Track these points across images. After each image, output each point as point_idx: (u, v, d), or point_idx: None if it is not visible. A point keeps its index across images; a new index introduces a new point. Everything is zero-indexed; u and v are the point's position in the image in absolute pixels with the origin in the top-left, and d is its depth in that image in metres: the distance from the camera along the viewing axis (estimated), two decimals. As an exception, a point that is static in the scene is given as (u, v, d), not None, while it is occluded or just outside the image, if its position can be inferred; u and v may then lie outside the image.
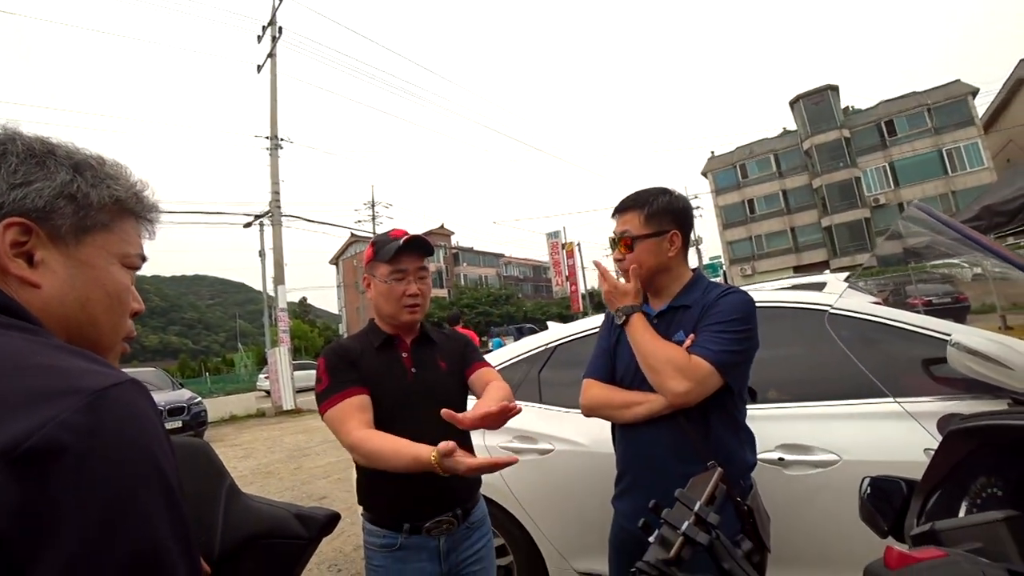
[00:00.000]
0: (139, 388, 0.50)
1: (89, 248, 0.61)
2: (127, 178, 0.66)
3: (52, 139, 0.62)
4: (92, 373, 0.48)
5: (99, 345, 0.62)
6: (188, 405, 10.31)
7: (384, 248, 1.48)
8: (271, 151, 15.57)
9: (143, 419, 0.48)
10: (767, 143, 41.21)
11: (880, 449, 1.78)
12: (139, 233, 0.68)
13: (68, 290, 0.59)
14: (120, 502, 0.43)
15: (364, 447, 1.28)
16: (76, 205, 0.59)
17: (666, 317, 1.49)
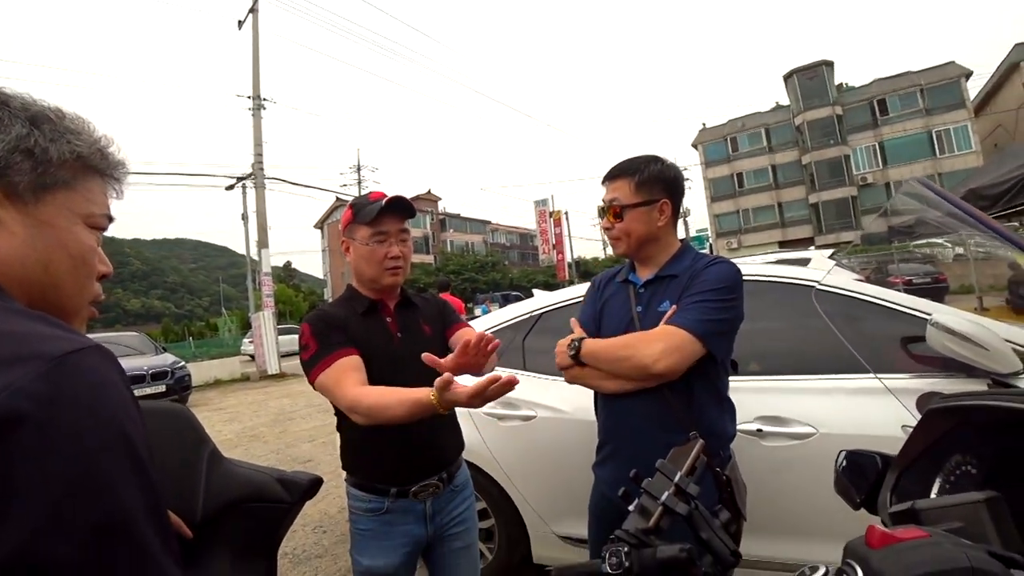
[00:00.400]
0: (103, 353, 0.48)
1: (50, 207, 0.57)
2: (89, 133, 0.62)
3: (5, 89, 0.58)
4: (53, 338, 0.46)
5: (64, 309, 0.60)
6: (171, 369, 10.27)
7: (364, 210, 1.45)
8: (254, 111, 15.14)
9: (107, 385, 0.47)
10: (759, 117, 41.01)
11: (857, 423, 1.83)
12: (105, 192, 0.64)
13: (28, 251, 0.56)
14: (83, 471, 0.42)
15: (364, 403, 1.27)
16: (34, 161, 0.56)
17: (652, 286, 1.48)
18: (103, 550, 0.42)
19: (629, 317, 1.47)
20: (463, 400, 1.14)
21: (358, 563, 1.45)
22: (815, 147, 36.85)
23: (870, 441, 1.26)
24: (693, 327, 1.31)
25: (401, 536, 1.43)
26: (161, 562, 0.46)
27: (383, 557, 1.42)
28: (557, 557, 2.41)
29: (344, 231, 1.50)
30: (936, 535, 0.45)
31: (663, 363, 1.30)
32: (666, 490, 0.70)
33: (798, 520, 1.92)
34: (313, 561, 3.18)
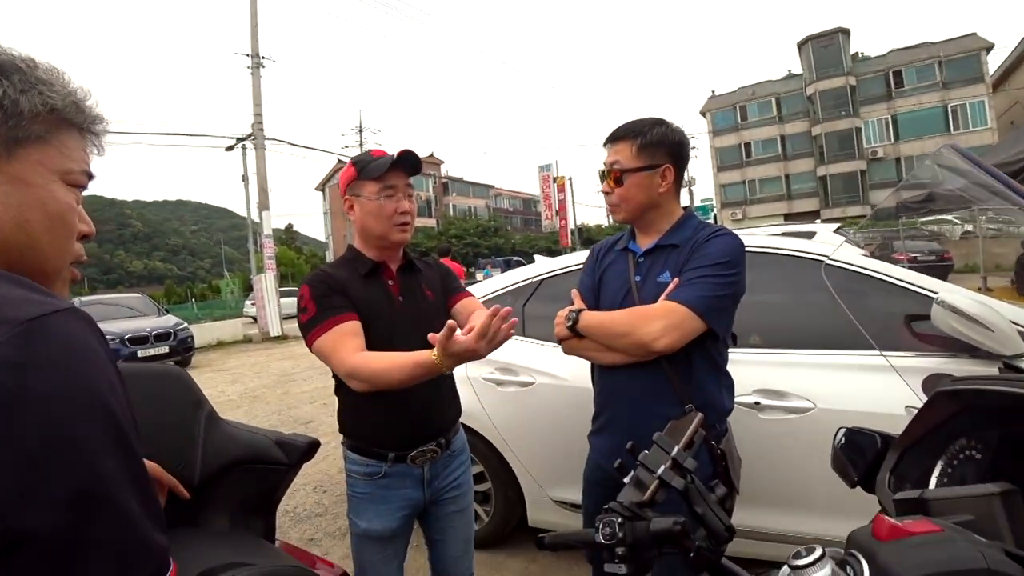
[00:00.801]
0: (79, 316, 0.47)
1: (24, 163, 0.54)
2: (64, 84, 0.58)
3: None
4: (24, 302, 0.45)
5: (43, 271, 0.57)
6: (174, 331, 10.37)
7: (372, 165, 1.40)
8: (252, 70, 14.81)
9: (82, 349, 0.45)
10: (770, 85, 40.06)
11: (857, 400, 1.82)
12: (84, 148, 0.61)
13: (2, 210, 0.53)
14: (57, 439, 0.41)
15: (364, 370, 1.25)
16: (4, 113, 0.52)
17: (652, 255, 1.45)
18: (81, 518, 0.41)
19: (627, 287, 1.44)
20: (470, 346, 1.11)
21: (356, 525, 1.47)
22: (826, 118, 36.09)
23: (870, 419, 1.25)
24: (695, 304, 1.29)
25: (398, 500, 1.45)
26: (143, 528, 0.46)
27: (380, 520, 1.44)
28: (552, 521, 2.46)
29: (347, 189, 1.45)
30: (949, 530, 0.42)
31: (664, 341, 1.28)
32: (663, 463, 0.69)
33: (792, 494, 1.94)
34: (313, 520, 3.26)
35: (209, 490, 1.32)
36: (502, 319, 1.11)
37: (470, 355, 1.14)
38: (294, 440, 1.46)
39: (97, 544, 0.42)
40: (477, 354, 1.14)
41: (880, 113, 34.97)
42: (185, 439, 1.28)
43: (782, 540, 1.96)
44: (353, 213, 1.45)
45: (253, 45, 14.83)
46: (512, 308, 1.13)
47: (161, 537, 0.48)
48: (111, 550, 0.43)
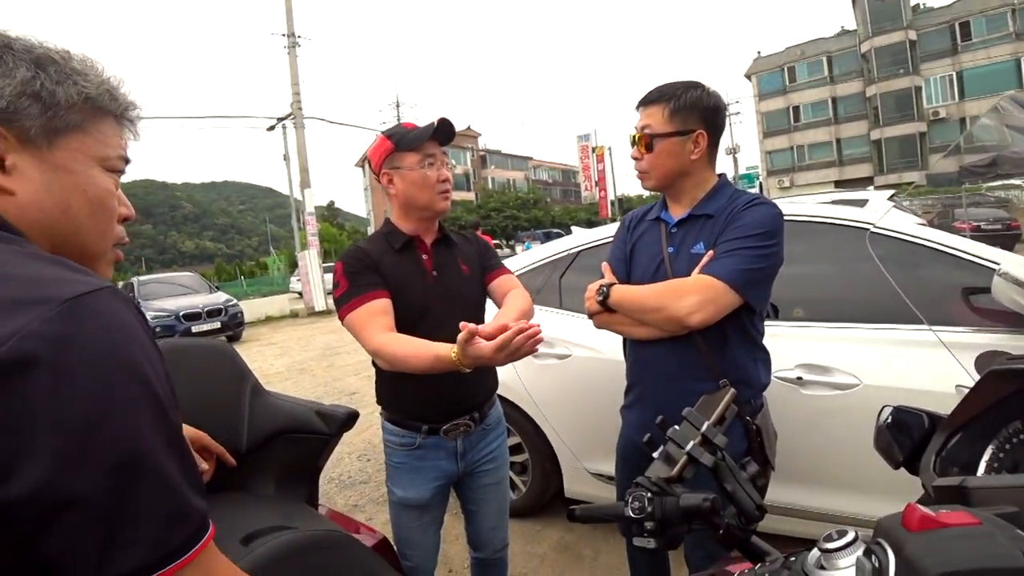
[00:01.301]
0: (116, 294, 0.49)
1: (64, 151, 0.57)
2: (97, 74, 0.60)
3: (8, 32, 0.56)
4: (66, 281, 0.47)
5: (87, 252, 0.60)
6: (225, 307, 10.86)
7: (409, 136, 1.40)
8: (289, 49, 14.97)
9: (121, 325, 0.47)
10: (821, 44, 37.79)
11: (905, 377, 1.74)
12: (119, 134, 0.63)
13: (45, 196, 0.56)
14: (99, 409, 0.43)
15: (386, 351, 1.27)
16: (42, 105, 0.55)
17: (685, 226, 1.39)
18: (123, 483, 0.44)
19: (660, 258, 1.40)
20: (487, 354, 1.10)
21: (393, 493, 1.52)
22: (882, 77, 33.86)
23: (919, 397, 1.20)
24: (730, 277, 1.24)
25: (432, 471, 1.48)
26: (182, 492, 0.48)
27: (415, 489, 1.48)
28: (589, 493, 2.48)
29: (383, 163, 1.43)
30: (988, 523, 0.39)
31: (698, 316, 1.24)
32: (692, 439, 0.68)
33: (833, 472, 1.89)
34: (357, 487, 3.39)
35: (255, 458, 1.38)
36: (527, 337, 1.09)
37: (487, 362, 1.13)
38: (333, 411, 1.51)
39: (139, 507, 0.45)
40: (494, 363, 1.13)
41: (943, 69, 32.52)
42: (232, 410, 1.34)
43: (819, 519, 1.92)
44: (393, 187, 1.43)
45: (288, 24, 14.95)
46: (540, 326, 1.10)
47: (200, 501, 0.50)
48: (152, 513, 0.46)
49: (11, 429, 0.40)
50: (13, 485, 0.40)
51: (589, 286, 1.47)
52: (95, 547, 0.43)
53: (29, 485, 0.41)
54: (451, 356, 1.15)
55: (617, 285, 1.42)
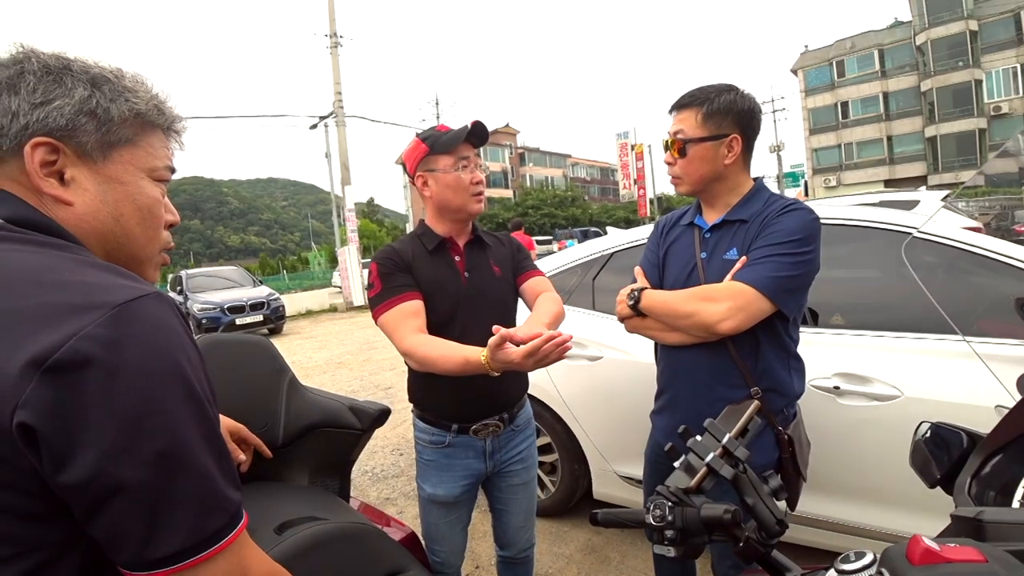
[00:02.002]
0: (162, 299, 0.53)
1: (116, 164, 0.62)
2: (147, 90, 0.65)
3: (67, 54, 0.61)
4: (117, 287, 0.51)
5: (136, 257, 0.65)
6: (267, 300, 11.23)
7: (444, 138, 1.42)
8: (331, 49, 15.30)
9: (165, 328, 0.52)
10: (872, 36, 36.16)
11: (950, 391, 1.67)
12: (166, 145, 0.68)
13: (100, 206, 0.61)
14: (145, 405, 0.48)
15: (417, 353, 1.30)
16: (98, 121, 0.60)
17: (719, 231, 1.38)
18: (165, 473, 0.49)
19: (693, 264, 1.39)
20: (515, 360, 1.13)
21: (422, 489, 1.55)
22: (939, 71, 32.19)
23: (963, 412, 1.15)
24: (763, 285, 1.22)
25: (462, 469, 1.51)
26: (218, 483, 0.53)
27: (444, 487, 1.51)
28: (617, 496, 2.47)
29: (418, 166, 1.46)
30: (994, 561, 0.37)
31: (729, 323, 1.23)
32: (713, 451, 0.68)
33: (867, 486, 1.83)
34: (390, 480, 3.47)
35: (291, 450, 1.44)
36: (555, 345, 1.11)
37: (516, 368, 1.15)
38: (366, 407, 1.55)
39: (178, 496, 0.50)
40: (522, 368, 1.15)
41: (1007, 62, 30.64)
42: (269, 403, 1.40)
43: (850, 532, 1.86)
44: (427, 189, 1.46)
45: (331, 25, 15.29)
46: (571, 335, 1.13)
47: (234, 492, 0.55)
48: (189, 501, 0.50)
49: (68, 422, 0.45)
50: (70, 471, 0.45)
51: (621, 291, 1.47)
52: (138, 530, 0.48)
53: (83, 472, 0.45)
54: (480, 360, 1.18)
55: (648, 290, 1.41)
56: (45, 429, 0.44)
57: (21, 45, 0.60)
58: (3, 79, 0.58)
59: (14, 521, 0.47)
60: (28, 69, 0.58)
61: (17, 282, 0.50)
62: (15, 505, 0.47)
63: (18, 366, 0.45)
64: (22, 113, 0.57)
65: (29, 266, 0.51)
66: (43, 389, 0.44)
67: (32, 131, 0.57)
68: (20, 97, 0.57)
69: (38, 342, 0.45)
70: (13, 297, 0.48)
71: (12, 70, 0.58)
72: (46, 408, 0.44)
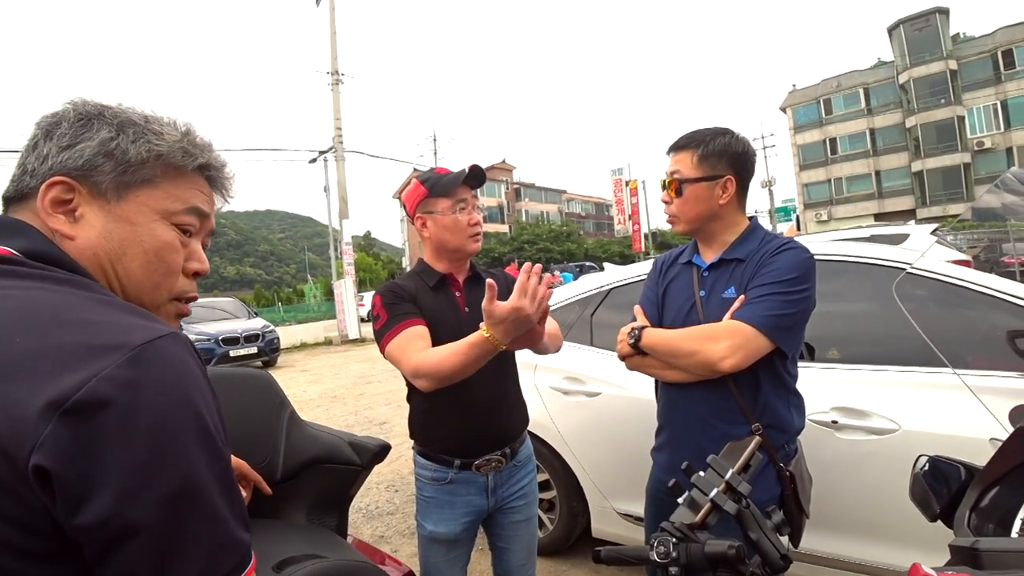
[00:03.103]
0: (180, 340, 0.54)
1: (131, 204, 0.62)
2: (172, 134, 0.65)
3: (112, 103, 0.63)
4: (135, 328, 0.52)
5: (140, 301, 0.63)
6: (262, 332, 11.16)
7: (442, 181, 1.46)
8: (332, 86, 15.67)
9: (183, 369, 0.52)
10: (857, 75, 37.38)
11: (948, 424, 1.68)
12: (200, 188, 0.68)
13: (102, 243, 0.61)
14: (161, 447, 0.48)
15: (424, 365, 1.28)
16: (115, 161, 0.61)
17: (717, 270, 1.41)
18: (178, 514, 0.49)
19: (692, 302, 1.42)
20: (513, 306, 1.12)
21: (422, 527, 1.53)
22: (922, 108, 33.17)
23: (962, 445, 1.16)
24: (761, 323, 1.24)
25: (463, 506, 1.49)
26: (230, 525, 0.52)
27: (445, 524, 1.49)
28: (616, 533, 2.43)
29: (417, 208, 1.50)
30: None
31: (730, 361, 1.24)
32: (716, 486, 0.69)
33: (868, 521, 1.81)
34: (385, 518, 3.40)
35: (289, 486, 1.42)
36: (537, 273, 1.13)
37: (517, 315, 1.13)
38: (366, 442, 1.54)
39: (191, 537, 0.49)
40: (523, 312, 1.13)
41: (987, 99, 31.66)
42: (270, 438, 1.39)
43: (853, 569, 1.84)
44: (426, 230, 1.50)
45: (333, 64, 15.69)
46: (540, 266, 1.16)
47: (244, 533, 0.54)
48: (203, 543, 0.50)
49: (85, 464, 0.45)
50: (85, 513, 0.45)
51: (621, 329, 1.49)
52: (150, 571, 0.47)
53: (98, 513, 0.45)
54: (484, 335, 1.17)
55: (649, 328, 1.43)
56: (61, 471, 0.44)
57: (72, 101, 0.62)
58: (43, 127, 0.61)
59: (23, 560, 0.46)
60: (65, 118, 0.61)
61: (39, 321, 0.51)
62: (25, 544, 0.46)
63: (37, 408, 0.45)
64: (50, 156, 0.59)
65: (50, 304, 0.52)
66: (61, 431, 0.45)
67: (55, 171, 0.59)
68: (52, 142, 0.60)
69: (57, 384, 0.46)
70: (35, 336, 0.49)
71: (52, 119, 0.61)
72: (63, 450, 0.45)
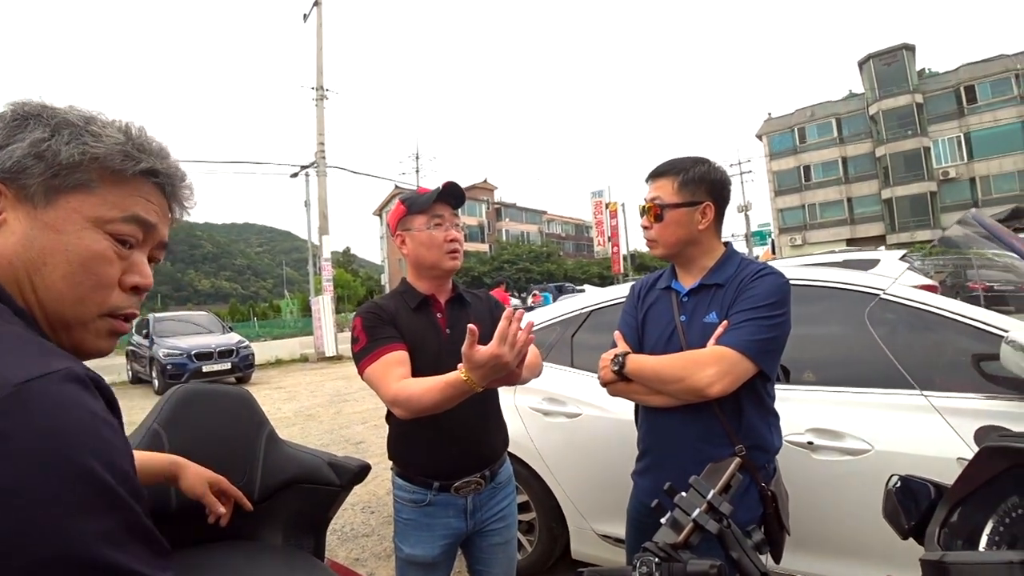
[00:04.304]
0: (72, 376, 0.47)
1: (60, 210, 0.56)
2: (113, 136, 0.59)
3: (55, 105, 0.58)
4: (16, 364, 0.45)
5: (62, 318, 0.57)
6: (237, 348, 10.95)
7: (419, 200, 1.48)
8: (317, 102, 15.68)
9: (67, 414, 0.45)
10: (830, 106, 38.80)
11: (919, 445, 1.73)
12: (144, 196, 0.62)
13: (20, 251, 0.55)
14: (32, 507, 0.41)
15: (401, 395, 1.29)
16: (45, 163, 0.55)
17: (697, 295, 1.44)
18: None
19: (673, 327, 1.44)
20: (491, 352, 1.11)
21: (400, 550, 1.51)
22: (891, 138, 34.53)
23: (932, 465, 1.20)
24: (746, 348, 1.28)
25: (442, 528, 1.48)
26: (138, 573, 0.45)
27: (423, 547, 1.47)
28: (595, 555, 2.42)
29: (397, 227, 1.53)
30: None
31: (718, 386, 1.27)
32: (698, 507, 0.70)
33: (845, 540, 1.84)
34: (360, 540, 3.33)
35: (266, 507, 1.40)
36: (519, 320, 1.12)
37: (495, 361, 1.12)
38: (346, 463, 1.52)
39: None
40: (502, 359, 1.12)
41: (951, 131, 33.11)
42: (247, 457, 1.37)
43: None
44: (405, 247, 1.52)
45: (318, 79, 15.72)
46: (522, 312, 1.16)
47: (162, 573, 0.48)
48: None
49: None
50: None
51: (603, 356, 1.50)
52: None
53: None
54: (461, 376, 1.17)
55: (632, 355, 1.44)
56: None
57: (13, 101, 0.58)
58: None
59: None
60: (2, 118, 0.56)
61: None
62: None
63: None
64: None
65: None
66: None
67: None
68: None
69: None
70: None
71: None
72: None
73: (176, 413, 1.31)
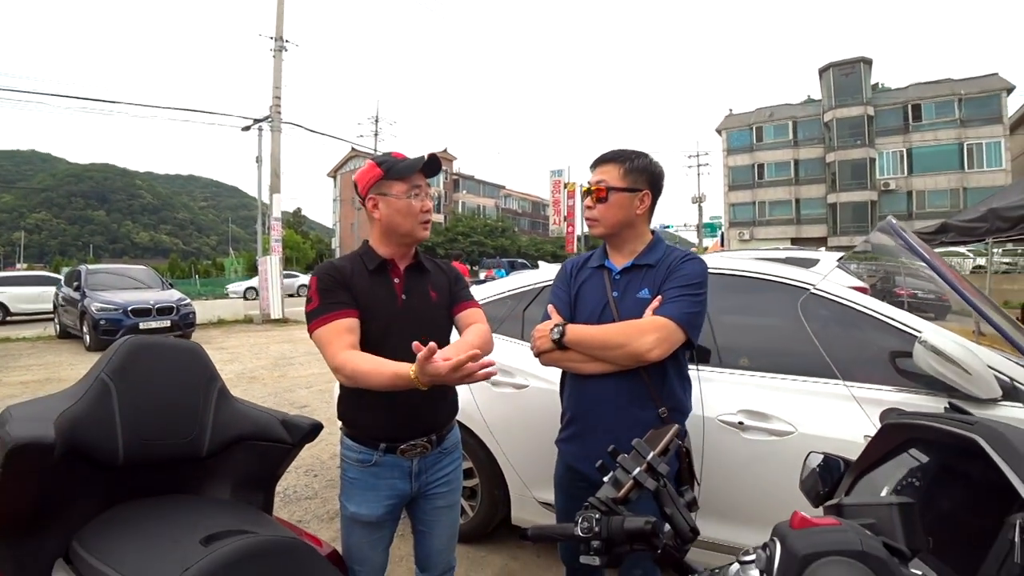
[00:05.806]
0: None
1: None
2: None
3: None
4: None
5: None
6: (177, 305, 10.45)
7: (400, 166, 1.48)
8: (275, 53, 14.92)
9: None
10: (788, 109, 40.09)
11: (835, 427, 1.89)
12: None
13: None
14: None
15: (347, 367, 1.32)
16: None
17: (629, 274, 1.58)
18: None
19: (605, 301, 1.57)
20: (443, 372, 1.18)
21: (345, 508, 1.54)
22: (841, 146, 36.12)
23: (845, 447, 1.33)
24: (680, 318, 1.43)
25: (386, 488, 1.51)
26: None
27: (367, 506, 1.50)
28: (535, 521, 2.52)
29: (369, 188, 1.50)
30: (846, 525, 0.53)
31: (656, 351, 1.41)
32: (638, 466, 0.77)
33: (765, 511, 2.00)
34: (303, 502, 3.33)
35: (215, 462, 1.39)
36: (480, 366, 1.20)
37: (442, 381, 1.21)
38: (298, 421, 1.54)
39: None
40: (448, 382, 1.21)
41: (895, 145, 34.98)
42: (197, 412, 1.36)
43: None
44: (377, 211, 1.50)
45: (278, 28, 14.93)
46: (495, 362, 1.26)
47: None
48: None
49: None
50: None
51: (538, 327, 1.61)
52: None
53: None
54: (410, 375, 1.22)
55: (572, 325, 1.56)
56: None
57: None
58: None
59: None
60: None
61: None
62: None
63: None
64: None
65: None
66: None
67: None
68: None
69: None
70: None
71: None
72: None
73: (125, 364, 1.28)
